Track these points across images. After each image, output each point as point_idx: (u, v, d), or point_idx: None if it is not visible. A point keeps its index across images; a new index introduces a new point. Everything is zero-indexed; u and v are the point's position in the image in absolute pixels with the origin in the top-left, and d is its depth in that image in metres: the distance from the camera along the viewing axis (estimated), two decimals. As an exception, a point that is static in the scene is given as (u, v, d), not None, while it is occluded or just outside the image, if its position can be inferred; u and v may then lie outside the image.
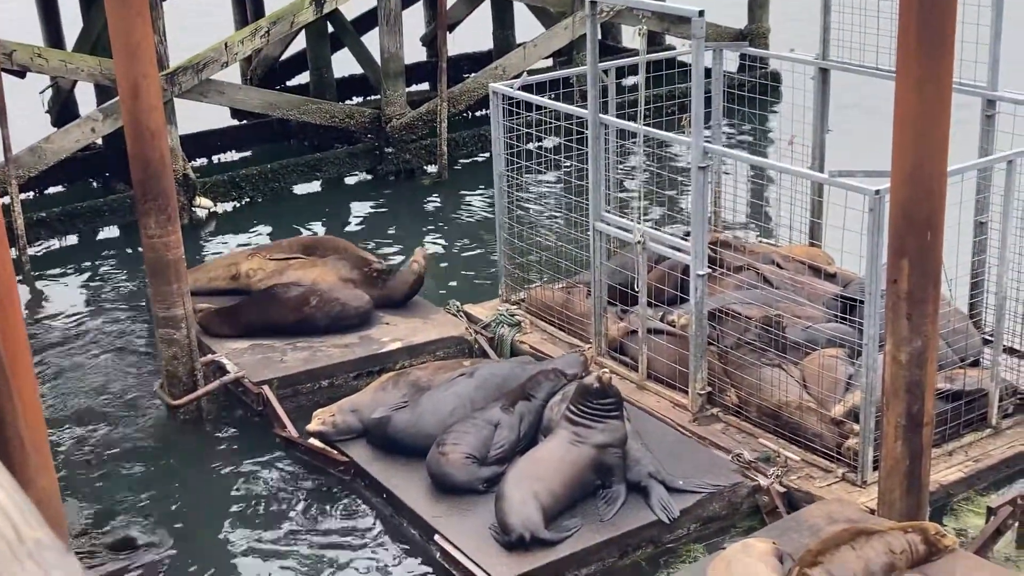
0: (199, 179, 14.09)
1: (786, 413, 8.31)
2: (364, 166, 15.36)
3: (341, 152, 15.14)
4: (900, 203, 6.67)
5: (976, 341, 8.99)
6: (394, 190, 15.01)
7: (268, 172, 14.67)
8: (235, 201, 14.50)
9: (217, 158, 16.31)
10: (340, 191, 15.12)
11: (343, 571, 7.56)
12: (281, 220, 13.96)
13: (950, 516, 7.78)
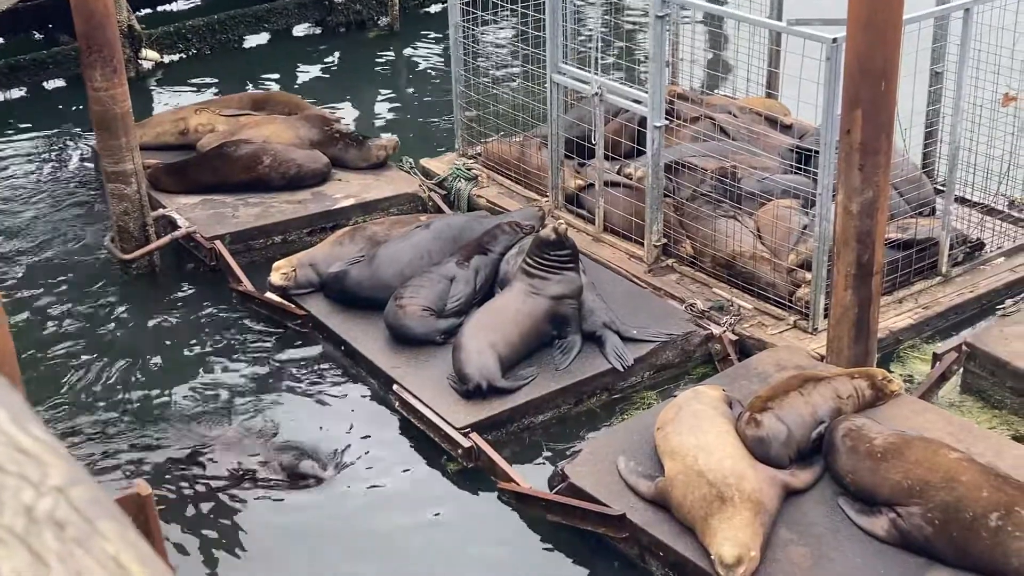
0: (144, 30, 13.73)
1: (740, 263, 8.40)
2: (313, 17, 15.01)
3: (289, 2, 14.77)
4: (855, 52, 6.64)
5: (928, 191, 9.07)
6: (345, 42, 14.71)
7: (215, 23, 14.31)
8: (182, 53, 14.17)
9: (163, 8, 15.86)
10: (289, 43, 14.80)
11: (302, 423, 7.65)
12: (229, 73, 13.68)
13: (897, 362, 7.95)
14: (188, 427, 7.62)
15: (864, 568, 5.82)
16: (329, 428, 7.60)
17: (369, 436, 7.52)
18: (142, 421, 7.70)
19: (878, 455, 6.13)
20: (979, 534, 5.64)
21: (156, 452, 7.38)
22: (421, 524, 6.78)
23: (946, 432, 6.61)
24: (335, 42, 14.74)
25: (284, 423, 7.62)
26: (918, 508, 5.83)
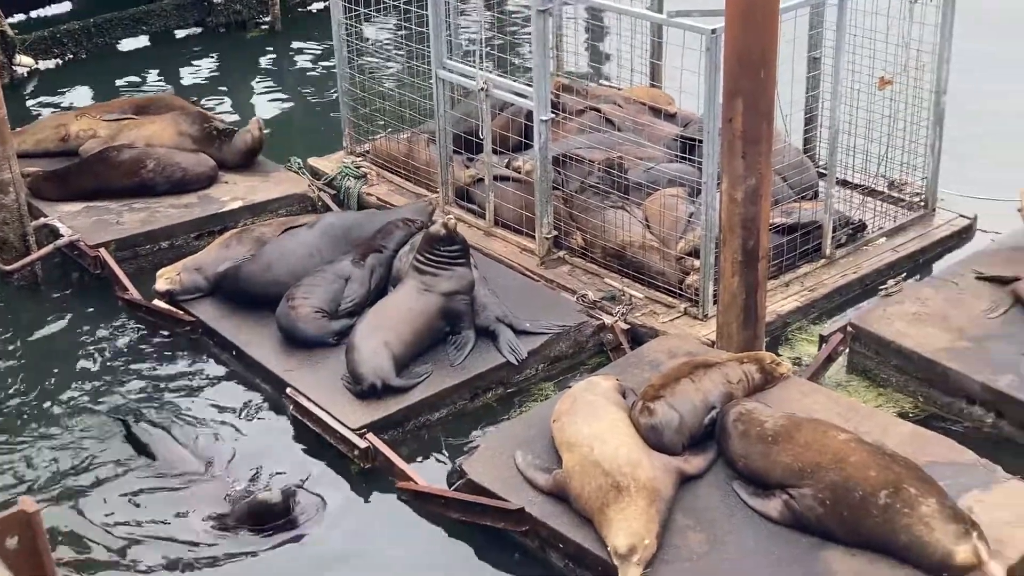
0: (18, 36, 13.33)
1: (630, 253, 8.47)
2: (193, 18, 14.71)
3: (168, 4, 14.46)
4: (733, 42, 6.73)
5: (811, 175, 9.24)
6: (226, 43, 14.47)
7: (91, 27, 13.94)
8: (58, 59, 13.78)
9: (36, 13, 15.40)
10: (169, 46, 14.48)
11: (195, 431, 7.51)
12: (108, 78, 13.35)
13: (785, 345, 8.10)
14: (76, 441, 7.43)
15: (758, 550, 5.92)
16: (223, 434, 7.48)
17: (264, 442, 7.41)
18: (27, 436, 7.49)
19: (769, 438, 6.23)
20: (869, 512, 5.76)
21: (42, 468, 7.19)
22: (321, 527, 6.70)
23: (834, 412, 6.75)
24: (216, 43, 14.49)
25: (176, 432, 7.47)
26: (809, 489, 5.94)
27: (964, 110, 10.57)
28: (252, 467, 7.13)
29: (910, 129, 9.11)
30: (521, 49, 12.21)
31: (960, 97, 9.38)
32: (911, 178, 9.39)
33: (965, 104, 10.48)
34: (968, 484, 6.20)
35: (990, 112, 11.27)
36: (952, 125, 9.27)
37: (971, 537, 5.58)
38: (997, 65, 12.10)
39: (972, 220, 9.34)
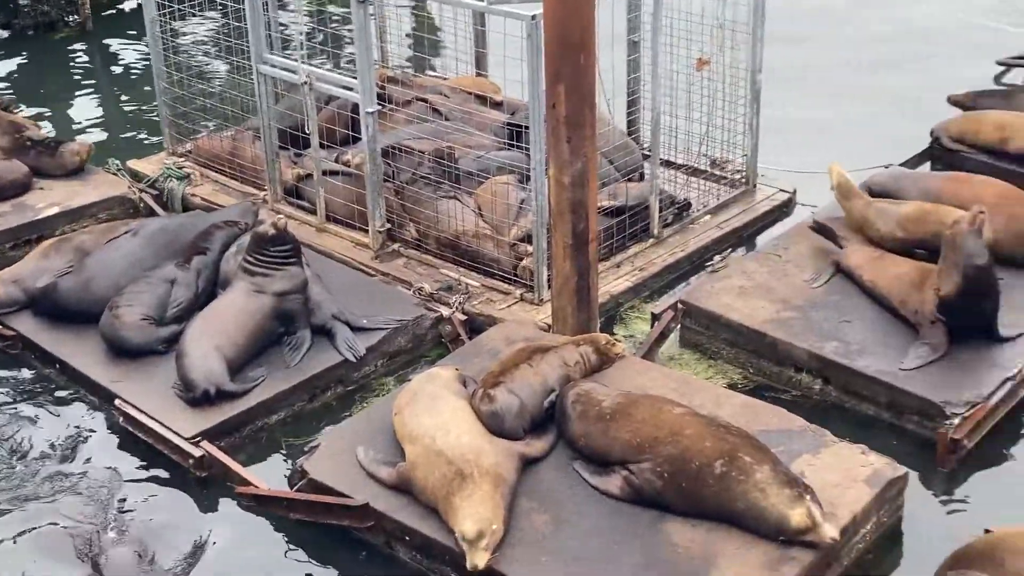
0: None
1: (464, 242, 8.48)
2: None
3: (-32, 5, 13.84)
4: (552, 28, 6.79)
5: (636, 157, 9.40)
6: (35, 45, 13.91)
7: None
8: None
9: None
10: (-26, 49, 13.88)
11: (21, 451, 7.20)
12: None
13: (620, 324, 8.23)
14: None
15: (602, 527, 5.99)
16: (51, 453, 7.19)
17: (94, 458, 7.15)
18: None
19: (607, 417, 6.32)
20: (706, 482, 5.89)
21: None
22: (160, 539, 6.51)
23: (669, 388, 6.89)
24: (24, 45, 13.92)
25: (1, 454, 7.16)
26: (648, 464, 6.05)
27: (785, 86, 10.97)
28: (81, 488, 6.85)
29: (729, 108, 9.35)
30: (346, 42, 12.08)
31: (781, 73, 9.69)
32: (732, 156, 9.64)
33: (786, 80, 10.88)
34: (799, 449, 6.41)
35: (811, 89, 11.68)
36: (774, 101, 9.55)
37: (804, 500, 5.75)
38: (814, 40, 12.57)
39: (792, 194, 9.65)
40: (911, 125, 10.35)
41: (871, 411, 7.20)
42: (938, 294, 7.31)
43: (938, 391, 6.98)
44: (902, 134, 10.30)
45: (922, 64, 12.21)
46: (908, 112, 10.90)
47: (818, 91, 11.72)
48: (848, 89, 11.74)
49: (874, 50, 12.73)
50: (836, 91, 11.70)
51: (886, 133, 10.59)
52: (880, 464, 6.32)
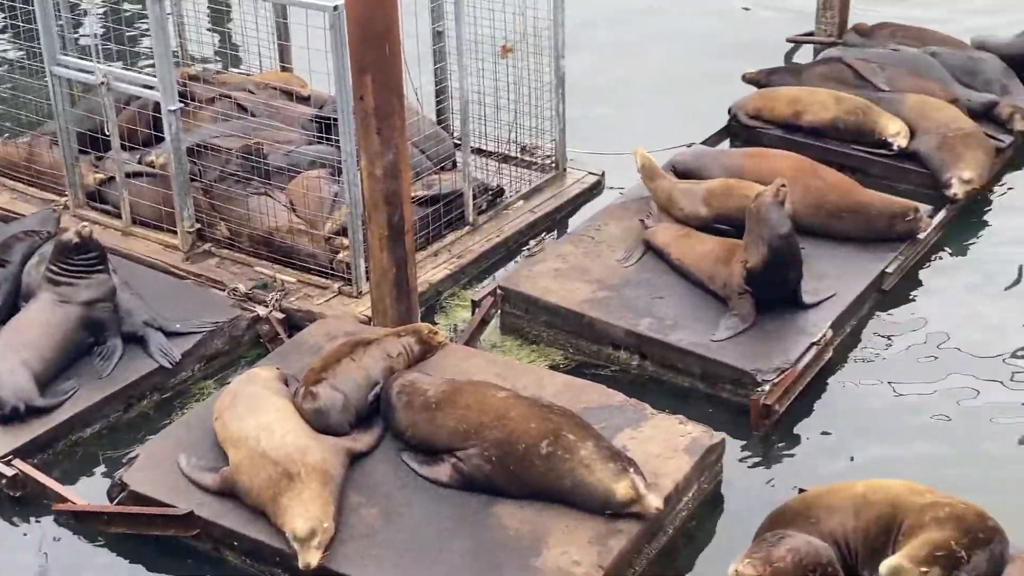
0: None
1: (278, 238, 8.36)
2: None
3: None
4: (355, 19, 6.75)
5: (448, 145, 9.43)
6: None
7: None
8: None
9: None
10: None
11: None
12: None
13: (441, 313, 8.26)
14: None
15: (433, 516, 6.02)
16: None
17: None
18: None
19: (432, 406, 6.34)
20: (533, 463, 5.98)
21: None
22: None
23: (492, 373, 6.95)
24: None
25: None
26: (475, 449, 6.10)
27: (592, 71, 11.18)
28: None
29: (535, 94, 9.47)
30: (142, 42, 11.72)
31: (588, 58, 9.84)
32: (541, 141, 9.77)
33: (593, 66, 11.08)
34: (620, 424, 6.57)
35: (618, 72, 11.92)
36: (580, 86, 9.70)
37: (628, 473, 5.90)
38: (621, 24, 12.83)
39: (600, 176, 9.85)
40: (710, 104, 10.68)
41: (687, 383, 7.42)
42: (745, 266, 7.58)
43: (749, 360, 7.25)
44: (702, 113, 10.61)
45: (716, 44, 12.61)
46: (707, 91, 11.24)
47: (623, 76, 11.96)
48: (651, 71, 12.03)
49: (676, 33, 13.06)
50: (640, 74, 11.97)
51: (687, 113, 10.90)
52: (698, 433, 6.53)
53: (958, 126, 9.52)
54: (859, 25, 11.58)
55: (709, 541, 6.38)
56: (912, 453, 6.89)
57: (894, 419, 7.17)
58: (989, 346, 7.74)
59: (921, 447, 6.94)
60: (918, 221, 8.50)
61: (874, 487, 5.68)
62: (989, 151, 9.45)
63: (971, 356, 7.66)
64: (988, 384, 7.41)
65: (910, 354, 7.72)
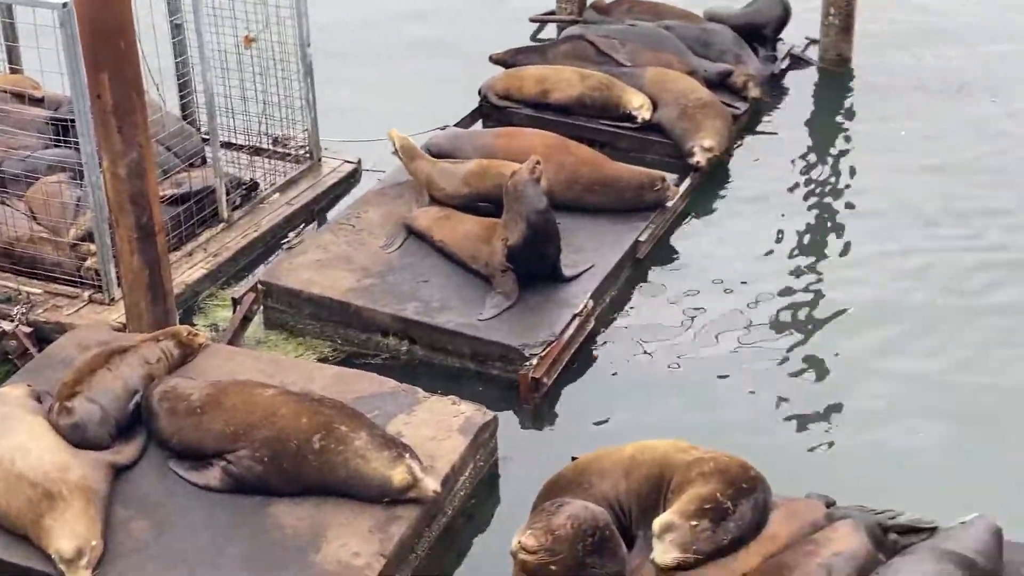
0: None
1: (19, 248, 7.94)
2: None
3: None
4: (86, 16, 6.46)
5: (196, 141, 9.15)
6: None
7: None
8: None
9: None
10: None
11: None
12: None
13: (200, 314, 8.03)
14: None
15: (207, 523, 5.84)
16: None
17: None
18: None
19: (197, 410, 6.15)
20: (306, 458, 5.89)
21: None
22: None
23: (258, 371, 6.80)
24: None
25: None
26: (246, 450, 5.95)
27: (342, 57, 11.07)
28: None
29: (283, 84, 9.31)
30: None
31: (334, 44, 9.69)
32: (293, 132, 9.62)
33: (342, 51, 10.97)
34: (393, 410, 6.54)
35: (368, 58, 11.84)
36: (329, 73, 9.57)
37: (404, 459, 5.88)
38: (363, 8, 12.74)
39: (357, 164, 9.78)
40: (460, 86, 10.76)
41: (457, 363, 7.47)
42: (506, 244, 7.67)
43: (515, 335, 7.36)
44: (453, 95, 10.67)
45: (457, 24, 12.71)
46: (456, 73, 11.32)
47: (372, 60, 11.90)
48: (398, 56, 12.01)
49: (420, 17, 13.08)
50: (388, 59, 11.93)
51: (439, 96, 10.94)
52: (471, 412, 6.58)
53: (696, 96, 9.90)
54: (598, 2, 11.89)
55: (489, 518, 6.45)
56: (677, 413, 7.15)
57: (658, 381, 7.43)
58: (740, 305, 8.11)
59: (685, 406, 7.22)
60: (666, 190, 8.82)
61: (642, 448, 5.86)
62: (727, 119, 9.88)
63: (724, 315, 8.01)
64: (740, 341, 7.76)
65: (668, 318, 8.01)
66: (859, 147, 10.30)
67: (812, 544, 5.35)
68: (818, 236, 9.00)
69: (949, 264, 8.55)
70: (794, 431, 7.02)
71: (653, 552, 5.34)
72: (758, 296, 8.21)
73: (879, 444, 6.86)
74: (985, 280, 8.36)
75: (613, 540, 5.34)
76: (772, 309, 8.07)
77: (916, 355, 7.61)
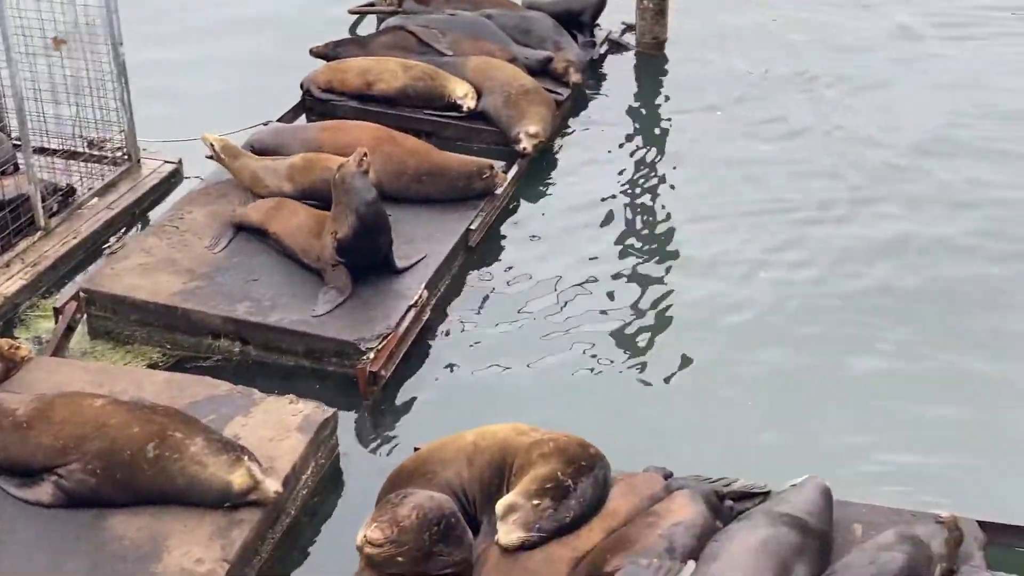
0: None
1: None
2: None
3: None
4: None
5: (7, 147, 8.79)
6: None
7: None
8: None
9: None
10: None
11: None
12: None
13: (21, 327, 7.74)
14: None
15: (42, 539, 5.63)
16: None
17: None
18: None
19: (24, 425, 5.92)
20: (141, 468, 5.73)
21: None
22: None
23: (86, 381, 6.59)
24: None
25: None
26: (77, 464, 5.76)
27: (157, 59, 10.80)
28: None
29: (96, 86, 9.02)
30: None
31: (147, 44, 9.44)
32: (110, 134, 9.33)
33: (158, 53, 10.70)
34: (230, 413, 6.43)
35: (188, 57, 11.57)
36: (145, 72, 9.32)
37: (243, 462, 5.79)
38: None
39: (178, 164, 9.54)
40: (282, 81, 10.61)
41: (292, 362, 7.39)
42: (336, 237, 7.61)
43: (351, 330, 7.32)
44: (276, 91, 10.52)
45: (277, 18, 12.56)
46: (275, 68, 11.16)
47: (189, 55, 11.63)
48: (219, 54, 11.78)
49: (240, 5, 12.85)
50: (210, 57, 11.68)
51: (260, 92, 10.77)
52: (309, 410, 6.51)
53: (520, 84, 10.00)
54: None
55: (333, 514, 6.41)
56: (517, 395, 7.23)
57: (496, 366, 7.49)
58: (571, 286, 8.24)
59: (525, 388, 7.30)
60: (494, 178, 8.88)
61: (483, 434, 5.90)
62: (550, 105, 10.01)
63: (556, 298, 8.12)
64: (574, 323, 7.89)
65: (502, 304, 8.08)
66: (678, 128, 10.57)
67: (652, 516, 5.49)
68: (644, 215, 9.21)
69: (771, 241, 8.84)
70: (631, 407, 7.18)
71: (497, 534, 5.39)
72: (589, 277, 8.35)
73: (713, 415, 7.07)
74: (804, 256, 8.66)
75: (459, 527, 5.37)
76: (604, 289, 8.23)
77: (742, 325, 7.87)
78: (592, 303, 8.08)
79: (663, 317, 7.97)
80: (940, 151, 10.06)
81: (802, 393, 7.24)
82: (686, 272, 8.45)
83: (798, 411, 7.09)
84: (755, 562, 5.11)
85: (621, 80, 11.44)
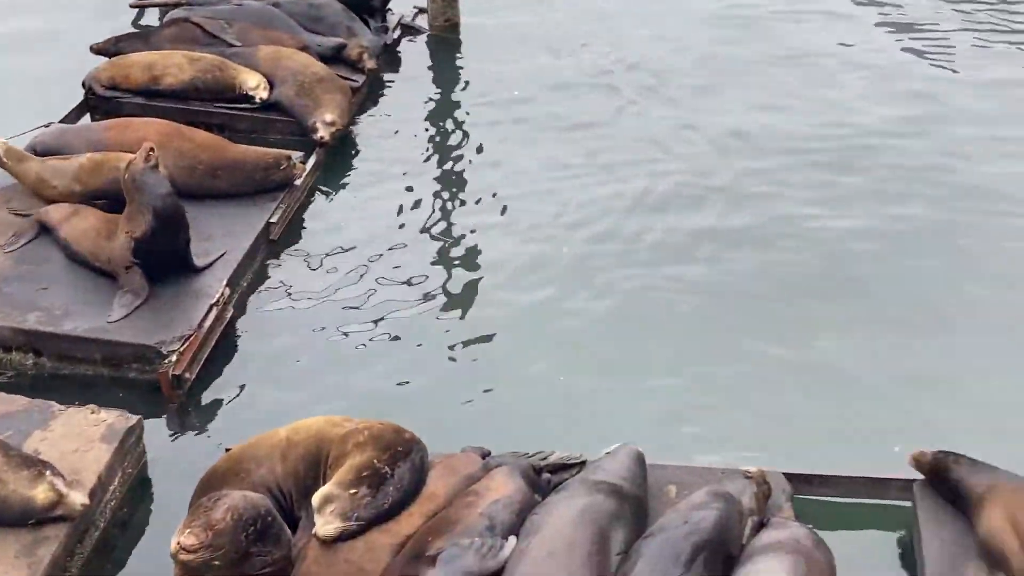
0: None
1: None
2: None
3: None
4: None
5: None
6: None
7: None
8: None
9: None
10: None
11: None
12: None
13: None
14: None
15: None
16: None
17: None
18: None
19: None
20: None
21: None
22: None
23: None
24: None
25: None
26: None
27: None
28: None
29: None
30: None
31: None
32: None
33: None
34: (28, 428, 6.16)
35: None
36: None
37: (45, 476, 5.58)
38: None
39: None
40: (62, 80, 10.17)
41: (91, 371, 7.11)
42: (132, 237, 7.34)
43: (150, 334, 7.08)
44: (56, 90, 10.08)
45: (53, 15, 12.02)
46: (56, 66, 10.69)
47: None
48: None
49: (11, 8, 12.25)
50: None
51: (40, 92, 10.30)
52: (113, 419, 6.29)
53: (313, 72, 9.84)
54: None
55: (145, 524, 6.22)
56: (327, 387, 7.13)
57: (308, 360, 7.38)
58: (378, 272, 8.17)
59: (336, 380, 7.20)
60: (292, 168, 8.72)
61: (296, 428, 5.80)
62: (346, 92, 9.89)
63: (363, 284, 8.04)
64: (384, 308, 7.83)
65: (308, 295, 7.95)
66: (476, 108, 10.58)
67: (471, 496, 5.50)
68: (448, 196, 9.20)
69: (575, 216, 8.93)
70: (446, 388, 7.15)
71: (315, 526, 5.31)
72: (396, 263, 8.30)
73: (525, 392, 7.12)
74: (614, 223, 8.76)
75: (276, 525, 5.26)
76: (409, 275, 8.18)
77: (555, 303, 7.94)
78: (398, 291, 8.03)
79: (479, 295, 7.99)
80: (737, 146, 10.18)
81: (615, 361, 7.35)
82: (489, 253, 8.48)
83: (612, 380, 7.20)
84: (574, 531, 5.18)
85: (416, 64, 11.40)
